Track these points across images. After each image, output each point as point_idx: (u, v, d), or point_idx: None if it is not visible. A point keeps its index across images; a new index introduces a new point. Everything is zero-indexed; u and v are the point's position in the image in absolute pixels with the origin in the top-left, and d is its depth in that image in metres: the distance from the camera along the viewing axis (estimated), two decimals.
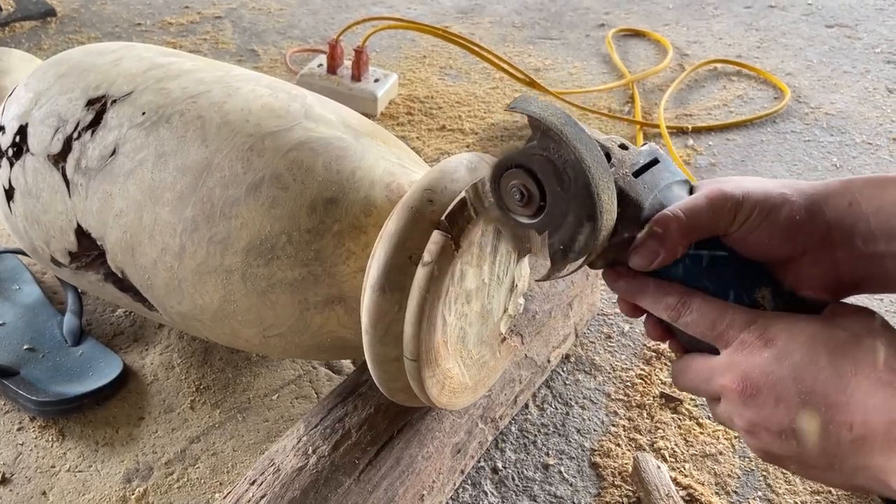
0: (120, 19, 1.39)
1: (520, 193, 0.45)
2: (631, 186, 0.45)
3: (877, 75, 1.32)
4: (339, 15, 1.45)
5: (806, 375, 0.39)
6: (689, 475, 0.67)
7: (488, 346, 0.60)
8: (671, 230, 0.43)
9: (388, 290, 0.51)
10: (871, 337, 0.40)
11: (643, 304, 0.46)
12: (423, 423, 0.62)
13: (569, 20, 1.47)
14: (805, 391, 0.39)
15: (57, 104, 0.64)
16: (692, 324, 0.44)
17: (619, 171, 0.45)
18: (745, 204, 0.43)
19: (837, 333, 0.40)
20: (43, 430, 0.68)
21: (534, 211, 0.45)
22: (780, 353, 0.40)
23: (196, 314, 0.60)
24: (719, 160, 1.10)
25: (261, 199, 0.56)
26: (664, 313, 0.45)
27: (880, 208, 0.42)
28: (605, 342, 0.80)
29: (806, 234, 0.43)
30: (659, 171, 0.46)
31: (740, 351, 0.42)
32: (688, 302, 0.44)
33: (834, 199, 0.43)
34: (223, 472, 0.65)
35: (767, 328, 0.41)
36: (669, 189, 0.46)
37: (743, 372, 0.41)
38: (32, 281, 0.80)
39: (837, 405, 0.38)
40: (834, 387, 0.38)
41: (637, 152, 0.47)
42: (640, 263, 0.44)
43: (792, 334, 0.40)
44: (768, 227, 0.43)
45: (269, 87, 0.62)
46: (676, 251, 0.44)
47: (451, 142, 1.11)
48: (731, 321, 0.42)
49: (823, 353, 0.39)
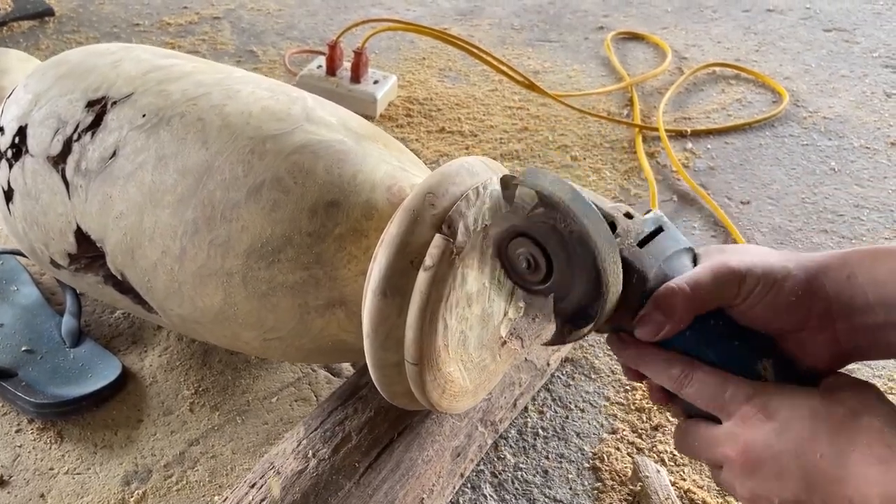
0: (118, 19, 1.38)
1: (526, 262, 0.46)
2: (636, 257, 0.46)
3: (875, 79, 1.32)
4: (338, 16, 1.45)
5: (807, 452, 0.41)
6: (687, 478, 0.67)
7: (489, 349, 0.60)
8: (677, 303, 0.44)
9: (389, 294, 0.51)
10: (869, 413, 0.41)
11: (647, 373, 0.48)
12: (424, 426, 0.62)
13: (568, 23, 1.48)
14: (806, 467, 0.41)
15: (56, 105, 0.64)
16: (694, 395, 0.45)
17: (624, 241, 0.46)
18: (748, 278, 0.44)
19: (836, 409, 0.42)
20: (41, 432, 0.68)
21: (541, 278, 0.46)
22: (782, 428, 0.42)
23: (196, 317, 0.60)
24: (718, 163, 1.10)
25: (262, 202, 0.56)
26: (667, 384, 0.46)
27: (877, 281, 0.43)
28: (604, 346, 0.80)
29: (807, 308, 0.44)
30: (664, 240, 0.47)
31: (742, 424, 0.43)
32: (690, 374, 0.45)
33: (833, 273, 0.44)
34: (222, 474, 0.65)
35: (769, 402, 0.43)
36: (674, 258, 0.47)
37: (745, 444, 0.43)
38: (31, 282, 0.79)
39: (837, 481, 0.40)
40: (833, 463, 0.40)
41: (642, 221, 0.48)
42: (645, 335, 0.46)
43: (793, 409, 0.42)
44: (771, 300, 0.44)
45: (269, 89, 0.62)
46: (681, 324, 0.45)
47: (451, 144, 1.11)
48: (732, 394, 0.44)
49: (824, 430, 0.41)
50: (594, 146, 1.12)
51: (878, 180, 1.08)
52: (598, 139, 1.14)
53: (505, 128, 1.15)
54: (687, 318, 0.45)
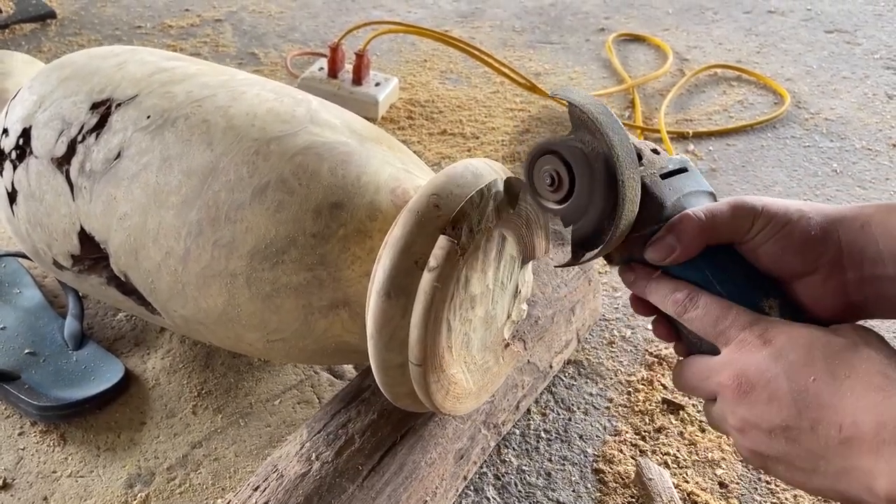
0: (120, 22, 1.39)
1: (550, 178, 0.47)
2: (656, 185, 0.47)
3: (876, 81, 1.32)
4: (340, 18, 1.45)
5: (800, 375, 0.40)
6: (691, 481, 0.67)
7: (492, 351, 0.60)
8: (690, 228, 0.45)
9: (393, 295, 0.51)
10: (868, 346, 0.41)
11: (653, 299, 0.48)
12: (426, 428, 0.62)
13: (569, 25, 1.48)
14: (798, 390, 0.40)
15: (61, 107, 0.64)
16: (696, 320, 0.45)
17: (647, 170, 0.47)
18: (763, 214, 0.45)
19: (836, 339, 0.41)
20: (44, 435, 0.68)
21: (562, 197, 0.47)
22: (777, 353, 0.41)
23: (199, 318, 0.60)
24: (720, 165, 1.10)
25: (266, 203, 0.56)
26: (671, 308, 0.47)
27: (890, 232, 0.43)
28: (607, 347, 0.80)
29: (819, 252, 0.45)
30: (686, 179, 0.48)
31: (739, 349, 0.43)
32: (695, 298, 0.45)
33: (848, 222, 0.45)
34: (225, 477, 0.65)
35: (768, 329, 0.43)
36: (693, 196, 0.48)
37: (739, 369, 0.42)
38: (33, 284, 0.79)
39: (828, 406, 0.39)
40: (827, 388, 0.40)
41: (668, 159, 0.48)
42: (655, 256, 0.46)
43: (791, 336, 0.42)
44: (783, 239, 0.45)
45: (274, 91, 0.62)
46: (692, 249, 0.45)
47: (452, 146, 1.11)
48: (733, 320, 0.44)
49: (820, 356, 0.40)
50: None
51: (881, 182, 1.08)
52: None
53: (506, 130, 1.15)
54: (698, 245, 0.45)
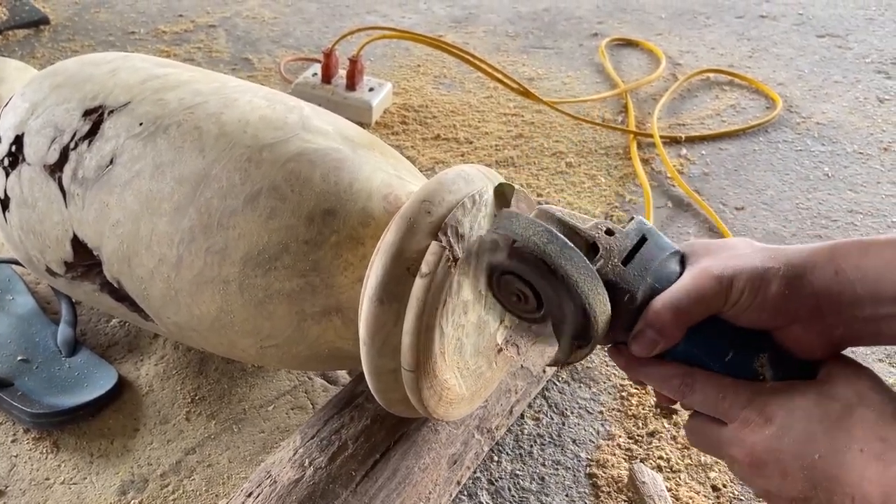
0: (113, 28, 1.39)
1: (516, 296, 0.48)
2: (621, 277, 0.46)
3: (867, 85, 1.33)
4: (334, 24, 1.45)
5: (805, 453, 0.42)
6: (684, 485, 0.67)
7: (485, 356, 0.60)
8: (666, 321, 0.45)
9: (385, 301, 0.51)
10: (863, 405, 0.42)
11: (649, 384, 0.49)
12: (420, 434, 0.62)
13: (562, 30, 1.48)
14: (806, 466, 0.42)
15: (53, 114, 0.64)
16: (696, 404, 0.47)
17: (607, 263, 0.47)
18: (734, 285, 0.45)
19: (831, 406, 0.42)
20: (37, 442, 0.67)
21: (532, 308, 0.48)
22: (780, 432, 0.43)
23: (192, 325, 0.60)
24: (712, 169, 1.11)
25: (258, 209, 0.56)
26: (669, 394, 0.48)
27: (865, 275, 0.43)
28: (600, 352, 0.80)
29: (796, 305, 0.45)
30: (648, 251, 0.48)
31: (744, 428, 0.44)
32: (690, 383, 0.46)
33: (820, 269, 0.44)
34: (219, 483, 0.65)
35: (766, 405, 0.44)
36: (661, 268, 0.47)
37: (749, 447, 0.44)
38: (26, 291, 0.79)
39: (838, 479, 0.41)
40: (831, 463, 0.41)
41: (624, 235, 0.48)
42: (641, 352, 0.47)
43: (789, 410, 0.43)
44: (759, 303, 0.45)
45: (266, 98, 0.62)
46: (674, 339, 0.46)
47: (446, 151, 1.11)
48: (732, 401, 0.45)
49: (819, 430, 0.42)
50: (589, 153, 1.13)
51: (872, 185, 1.09)
52: (592, 146, 1.14)
53: (500, 135, 1.15)
54: (678, 334, 0.46)
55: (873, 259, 0.44)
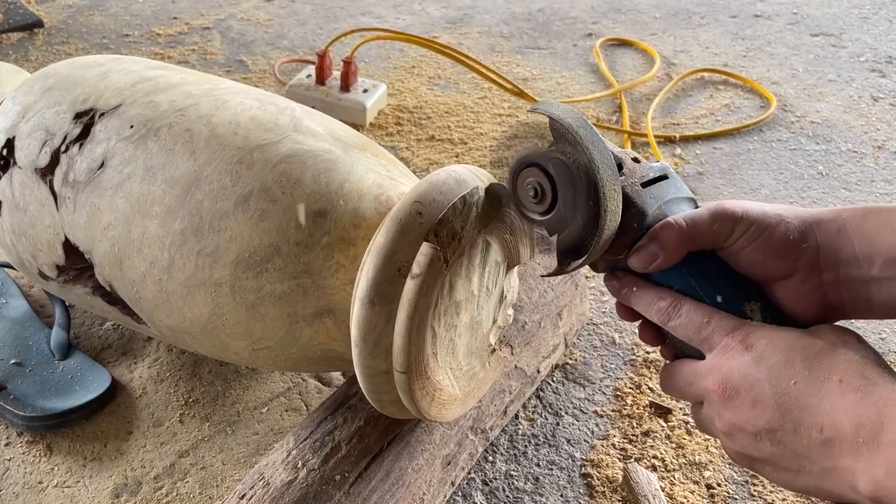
0: (108, 30, 1.38)
1: (534, 190, 0.48)
2: (637, 195, 0.47)
3: (861, 84, 1.33)
4: (328, 25, 1.45)
5: (782, 378, 0.41)
6: (678, 484, 0.67)
7: (478, 357, 0.60)
8: (671, 236, 0.46)
9: (377, 302, 0.51)
10: (846, 347, 0.42)
11: (637, 307, 0.49)
12: (413, 435, 0.62)
13: (556, 30, 1.48)
14: (780, 393, 0.41)
15: (44, 117, 0.64)
16: (680, 327, 0.46)
17: (628, 179, 0.48)
18: (743, 220, 0.46)
19: (815, 342, 0.42)
20: (30, 446, 0.67)
21: (545, 209, 0.48)
22: (759, 357, 0.42)
23: (185, 327, 0.60)
24: (707, 169, 1.11)
25: (249, 211, 0.56)
26: (655, 316, 0.48)
27: (865, 235, 0.44)
28: (594, 352, 0.80)
29: (797, 255, 0.46)
30: (667, 186, 0.49)
31: (722, 354, 0.44)
32: (678, 306, 0.46)
33: (825, 225, 0.46)
34: (212, 486, 0.65)
35: (749, 334, 0.44)
36: (674, 203, 0.48)
37: (723, 374, 0.44)
38: (19, 294, 0.79)
39: (809, 407, 0.40)
40: (807, 390, 0.41)
41: (648, 167, 0.49)
42: (638, 264, 0.47)
43: (771, 340, 0.43)
44: (763, 244, 0.46)
45: (257, 99, 0.62)
46: (674, 256, 0.46)
47: (441, 152, 1.11)
48: (716, 326, 0.45)
49: (799, 359, 0.42)
50: None
51: (866, 184, 1.09)
52: None
53: (495, 135, 1.15)
54: (680, 252, 0.46)
55: (872, 221, 0.45)
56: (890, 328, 0.85)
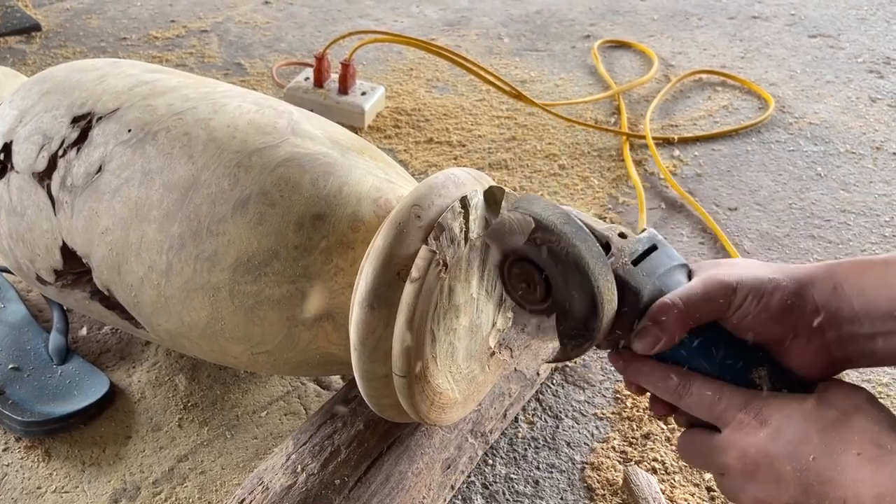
0: (105, 34, 1.38)
1: (525, 283, 0.48)
2: (630, 275, 0.47)
3: (860, 85, 1.33)
4: (326, 28, 1.45)
5: (800, 455, 0.42)
6: (678, 487, 0.67)
7: (477, 360, 0.60)
8: (670, 318, 0.46)
9: (376, 306, 0.51)
10: (859, 414, 0.42)
11: (646, 386, 0.49)
12: (413, 438, 0.62)
13: (554, 32, 1.48)
14: (800, 469, 0.42)
15: (42, 122, 0.63)
16: (692, 406, 0.47)
17: (618, 260, 0.48)
18: (739, 291, 0.46)
19: (828, 413, 0.43)
20: (29, 451, 0.67)
21: (540, 298, 0.48)
22: (775, 434, 0.43)
23: (183, 332, 0.60)
24: (705, 170, 1.11)
25: (248, 215, 0.56)
26: (665, 395, 0.48)
27: (861, 292, 0.45)
28: (594, 354, 0.80)
29: (797, 318, 0.46)
30: (657, 258, 0.49)
31: (738, 430, 0.45)
32: (687, 385, 0.47)
33: (820, 284, 0.46)
34: (211, 490, 0.65)
35: (762, 409, 0.44)
36: (668, 275, 0.48)
37: (742, 451, 0.44)
38: (17, 299, 0.79)
39: (831, 482, 0.41)
40: (826, 464, 0.41)
41: (636, 240, 0.49)
42: (642, 348, 0.47)
43: (785, 414, 0.43)
44: (762, 312, 0.46)
45: (255, 103, 0.62)
46: (676, 337, 0.46)
47: (439, 154, 1.11)
48: (728, 403, 0.45)
49: (815, 433, 0.42)
50: (582, 154, 1.13)
51: (864, 185, 1.09)
52: (585, 147, 1.14)
53: (493, 137, 1.15)
54: (681, 332, 0.46)
55: (868, 276, 0.45)
56: None
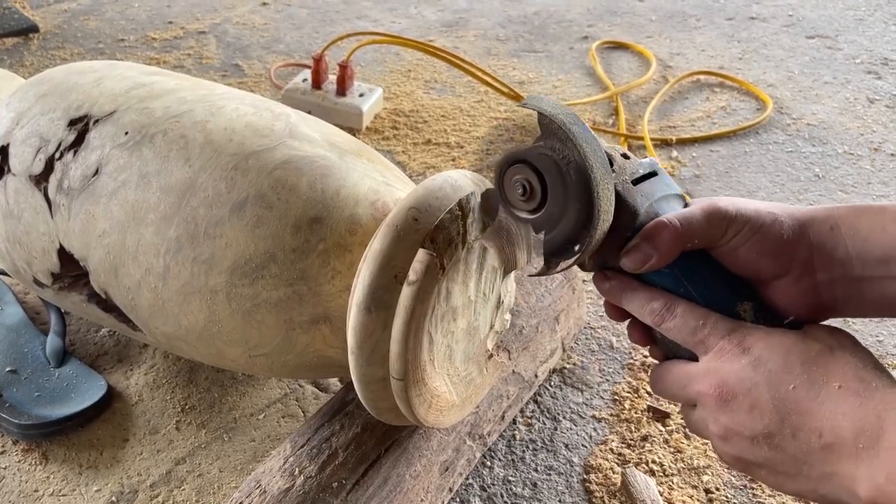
0: (103, 35, 1.38)
1: (522, 188, 0.46)
2: (629, 192, 0.47)
3: (857, 86, 1.33)
4: (324, 29, 1.45)
5: (780, 383, 0.41)
6: (677, 488, 0.67)
7: (475, 362, 0.60)
8: (665, 236, 0.45)
9: (373, 309, 0.51)
10: (843, 350, 0.42)
11: (629, 308, 0.48)
12: (411, 441, 0.62)
13: (552, 33, 1.48)
14: (779, 398, 0.41)
15: (38, 124, 0.63)
16: (674, 329, 0.46)
17: (619, 177, 0.47)
18: (737, 219, 0.45)
19: (812, 345, 0.42)
20: (26, 454, 0.67)
21: (534, 207, 0.46)
22: (757, 361, 0.42)
23: (181, 335, 0.60)
24: (703, 171, 1.11)
25: (245, 218, 0.55)
26: (649, 318, 0.47)
27: (857, 233, 0.44)
28: (592, 356, 0.80)
29: (791, 254, 0.45)
30: (656, 183, 0.48)
31: (719, 357, 0.44)
32: (672, 307, 0.46)
33: (818, 224, 0.45)
34: (209, 493, 0.65)
35: (746, 337, 0.43)
36: (665, 200, 0.48)
37: (720, 378, 0.43)
38: (15, 301, 0.79)
39: (809, 412, 0.40)
40: (806, 394, 0.40)
41: (637, 163, 0.48)
42: (631, 265, 0.46)
43: (769, 343, 0.42)
44: (757, 243, 0.45)
45: (252, 105, 0.62)
46: (668, 256, 0.45)
47: (437, 155, 1.11)
48: (711, 328, 0.44)
49: (798, 363, 0.41)
50: None
51: (862, 186, 1.09)
52: None
53: (491, 139, 1.15)
54: (674, 253, 0.45)
55: (865, 220, 0.44)
56: (887, 330, 0.85)
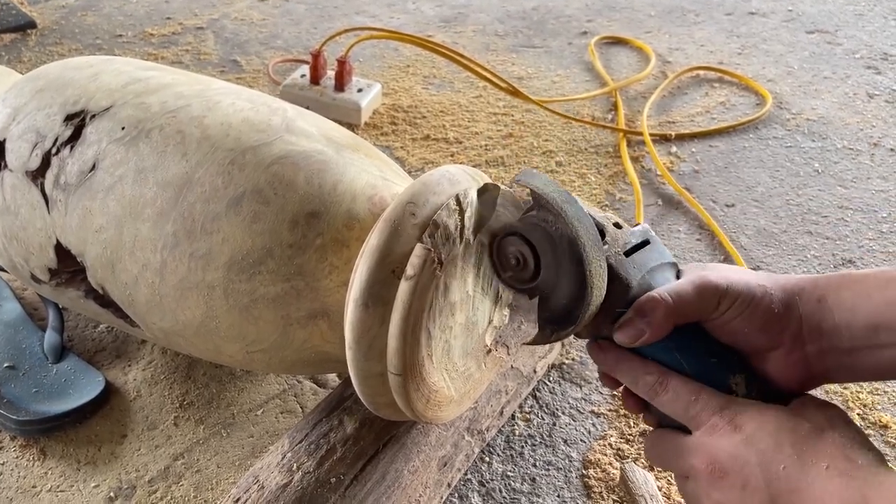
0: (101, 31, 1.38)
1: (515, 259, 0.48)
2: (621, 265, 0.47)
3: (857, 80, 1.33)
4: (322, 25, 1.45)
5: (771, 463, 0.42)
6: (675, 484, 0.67)
7: (474, 358, 0.60)
8: (658, 312, 0.45)
9: (371, 304, 0.51)
10: (833, 429, 0.43)
11: (623, 380, 0.49)
12: (409, 436, 0.62)
13: (551, 28, 1.48)
14: (770, 477, 0.42)
15: (35, 119, 0.63)
16: (667, 403, 0.46)
17: (611, 249, 0.47)
18: (728, 293, 0.46)
19: (802, 424, 0.43)
20: (24, 450, 0.67)
21: (528, 276, 0.48)
22: (748, 440, 0.43)
23: (178, 330, 0.60)
24: (702, 167, 1.11)
25: (242, 213, 0.55)
26: (642, 391, 0.47)
27: (842, 305, 0.45)
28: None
29: (781, 328, 0.46)
30: (649, 252, 0.49)
31: (711, 434, 0.44)
32: (665, 382, 0.46)
33: (806, 295, 0.46)
34: (207, 489, 0.65)
35: (738, 414, 0.44)
36: (658, 271, 0.48)
37: (712, 454, 0.44)
38: (13, 297, 0.79)
39: (798, 492, 0.41)
40: (796, 475, 0.41)
41: (630, 232, 0.49)
42: (625, 340, 0.47)
43: (760, 422, 0.43)
44: (748, 317, 0.46)
45: (249, 100, 0.62)
46: (661, 332, 0.46)
47: (436, 151, 1.10)
48: (704, 404, 0.45)
49: (788, 443, 0.42)
50: (579, 151, 1.13)
51: (862, 181, 1.09)
52: (582, 144, 1.14)
53: (490, 134, 1.15)
54: (666, 328, 0.46)
55: (850, 289, 0.45)
56: None
